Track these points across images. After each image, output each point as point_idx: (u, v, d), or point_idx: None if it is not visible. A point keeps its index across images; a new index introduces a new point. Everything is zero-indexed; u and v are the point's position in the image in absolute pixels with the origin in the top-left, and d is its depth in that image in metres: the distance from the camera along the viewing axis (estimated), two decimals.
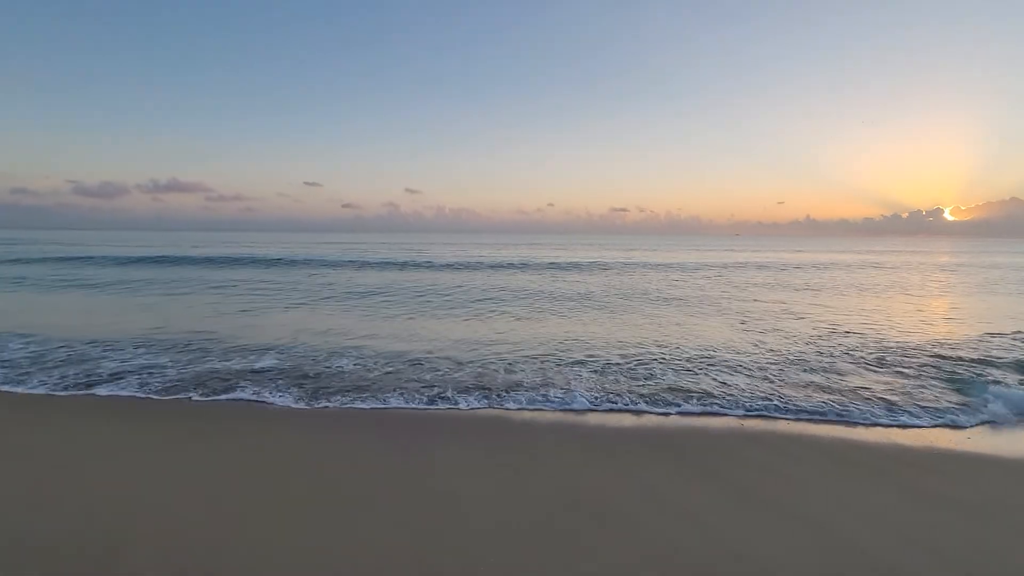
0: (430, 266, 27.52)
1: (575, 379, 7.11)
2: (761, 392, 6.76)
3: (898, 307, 15.26)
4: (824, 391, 6.87)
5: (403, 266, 27.38)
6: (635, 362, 8.18)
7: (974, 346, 9.54)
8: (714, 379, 7.35)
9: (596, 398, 6.31)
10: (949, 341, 9.95)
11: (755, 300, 16.45)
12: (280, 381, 6.84)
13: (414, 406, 6.02)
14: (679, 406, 6.13)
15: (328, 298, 15.77)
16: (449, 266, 28.10)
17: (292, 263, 27.87)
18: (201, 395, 6.32)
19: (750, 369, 7.88)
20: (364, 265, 27.92)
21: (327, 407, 5.99)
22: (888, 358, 8.61)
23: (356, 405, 6.07)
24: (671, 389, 6.78)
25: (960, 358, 8.52)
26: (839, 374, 7.72)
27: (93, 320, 11.79)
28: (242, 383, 6.75)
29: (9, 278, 20.31)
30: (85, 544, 3.23)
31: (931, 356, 8.69)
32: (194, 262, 28.08)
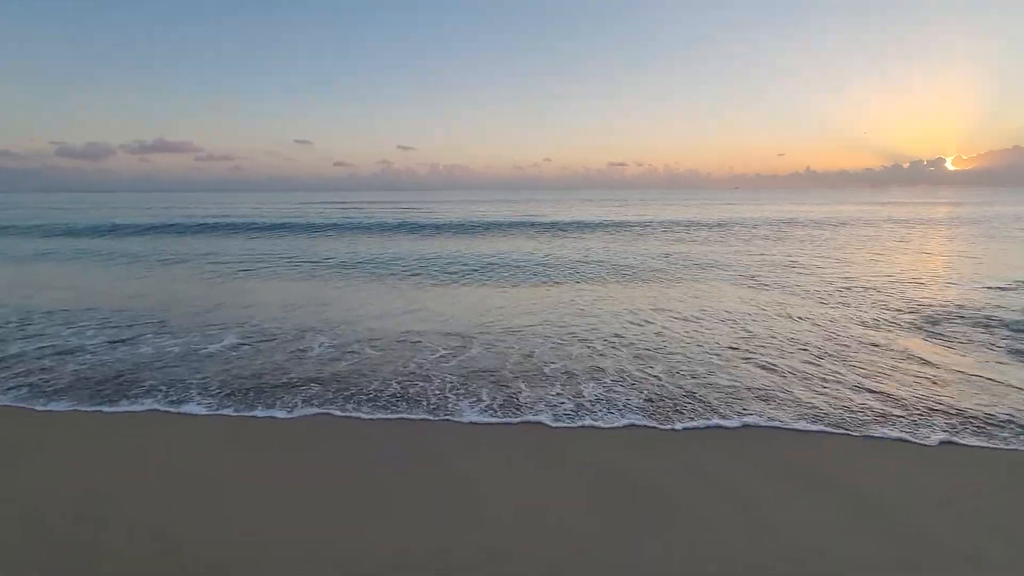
0: (434, 230, 26.48)
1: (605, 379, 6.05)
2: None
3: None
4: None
5: (411, 230, 26.25)
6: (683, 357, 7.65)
7: None
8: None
9: (642, 403, 5.39)
10: None
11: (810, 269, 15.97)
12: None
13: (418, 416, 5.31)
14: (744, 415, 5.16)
15: (328, 269, 15.24)
16: (452, 228, 27.15)
17: (290, 229, 26.96)
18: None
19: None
20: (358, 228, 27.06)
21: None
22: None
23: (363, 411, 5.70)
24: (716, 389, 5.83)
25: None
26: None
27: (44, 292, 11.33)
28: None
29: None
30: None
31: None
32: (183, 230, 27.21)
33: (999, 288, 11.08)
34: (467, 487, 3.82)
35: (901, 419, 5.02)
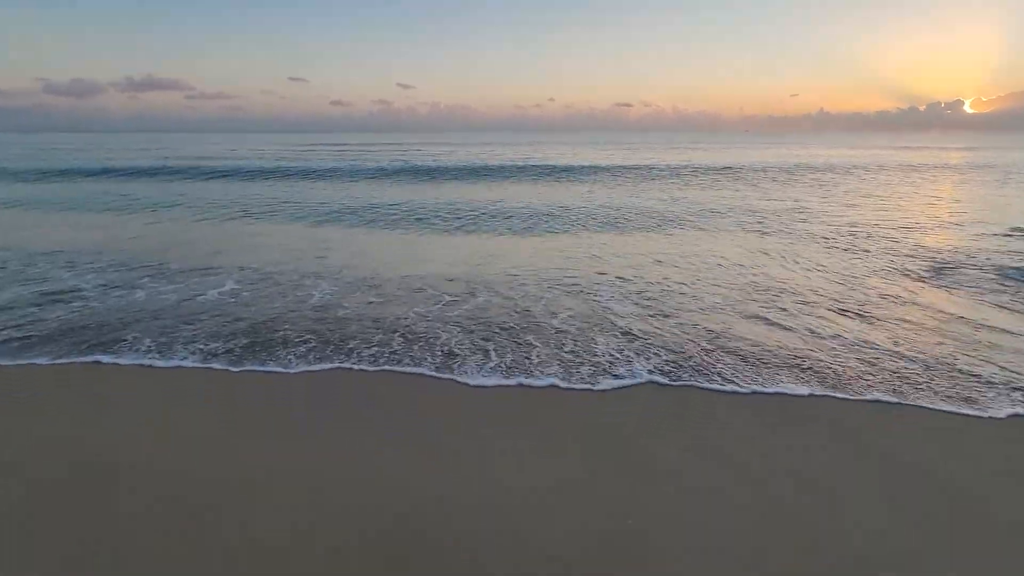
0: (436, 175, 25.43)
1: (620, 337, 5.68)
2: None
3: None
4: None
5: (413, 175, 25.18)
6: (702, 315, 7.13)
7: None
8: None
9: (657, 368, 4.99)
10: None
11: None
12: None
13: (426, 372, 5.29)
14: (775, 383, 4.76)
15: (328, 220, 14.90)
16: (455, 172, 26.17)
17: (288, 173, 26.10)
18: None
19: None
20: (358, 173, 26.22)
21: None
22: None
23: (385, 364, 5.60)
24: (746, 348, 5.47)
25: None
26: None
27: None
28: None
29: None
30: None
31: None
32: (178, 173, 26.48)
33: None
34: (479, 448, 3.80)
35: (949, 385, 4.61)
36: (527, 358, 5.19)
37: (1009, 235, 11.11)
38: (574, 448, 3.74)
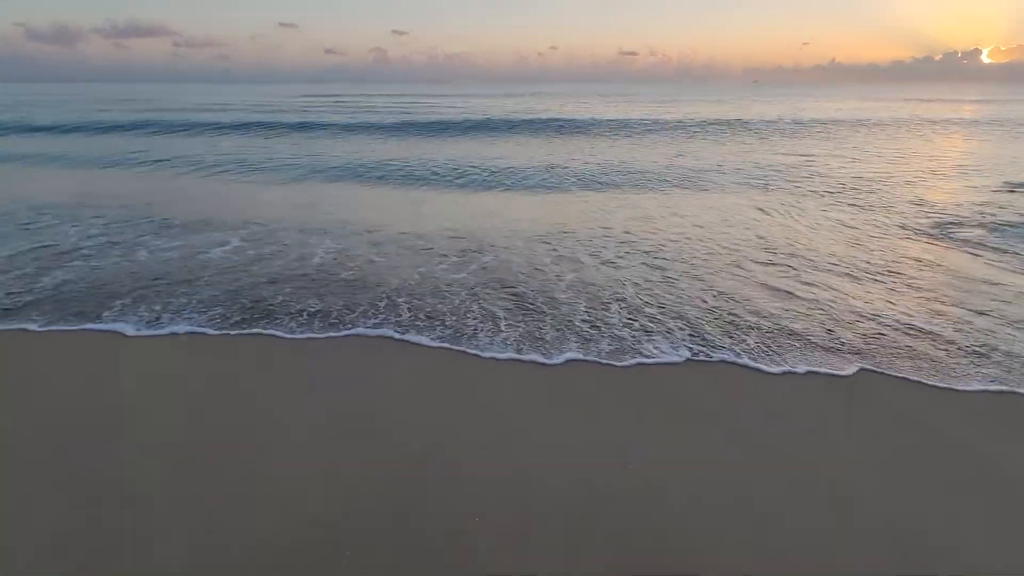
0: (436, 130, 24.38)
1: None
2: None
3: None
4: None
5: (414, 131, 23.84)
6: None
7: None
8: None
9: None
10: None
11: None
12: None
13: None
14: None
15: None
16: (455, 127, 24.93)
17: (285, 128, 25.15)
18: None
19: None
20: (357, 128, 25.23)
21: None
22: None
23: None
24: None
25: None
26: None
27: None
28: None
29: None
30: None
31: None
32: (173, 128, 25.71)
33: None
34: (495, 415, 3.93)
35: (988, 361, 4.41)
36: (540, 329, 5.05)
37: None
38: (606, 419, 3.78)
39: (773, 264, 6.86)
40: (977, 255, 7.26)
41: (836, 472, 3.22)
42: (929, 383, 4.15)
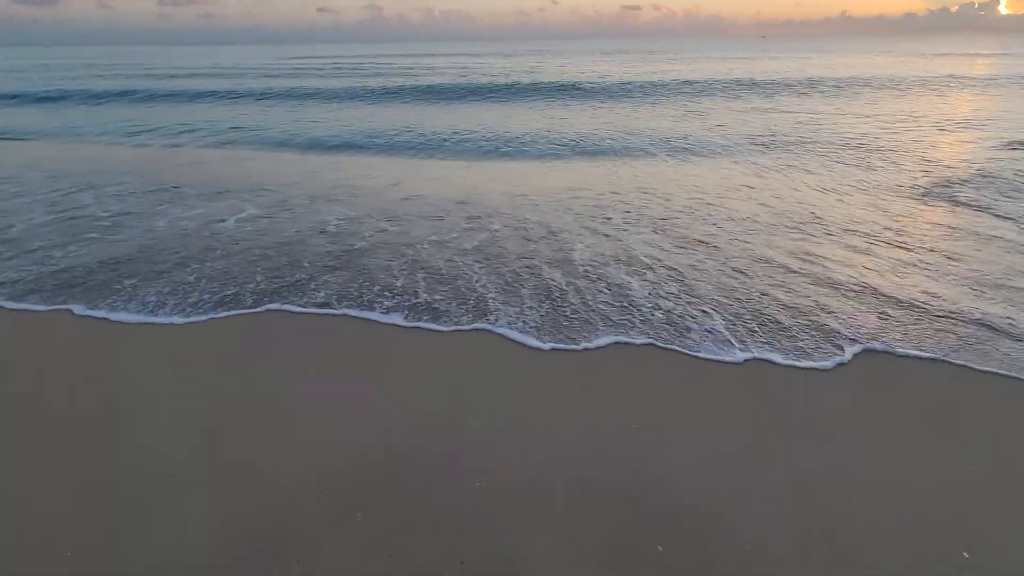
0: (435, 96, 23.56)
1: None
2: None
3: None
4: None
5: (412, 96, 23.30)
6: None
7: None
8: None
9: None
10: None
11: None
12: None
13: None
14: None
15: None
16: (454, 92, 24.34)
17: (279, 96, 24.58)
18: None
19: None
20: (355, 96, 24.33)
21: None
22: None
23: None
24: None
25: None
26: None
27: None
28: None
29: None
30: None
31: None
32: (165, 96, 25.21)
33: None
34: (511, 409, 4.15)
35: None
36: (560, 307, 5.06)
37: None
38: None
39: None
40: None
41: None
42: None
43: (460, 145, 13.42)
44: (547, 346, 4.46)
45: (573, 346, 4.46)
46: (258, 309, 5.20)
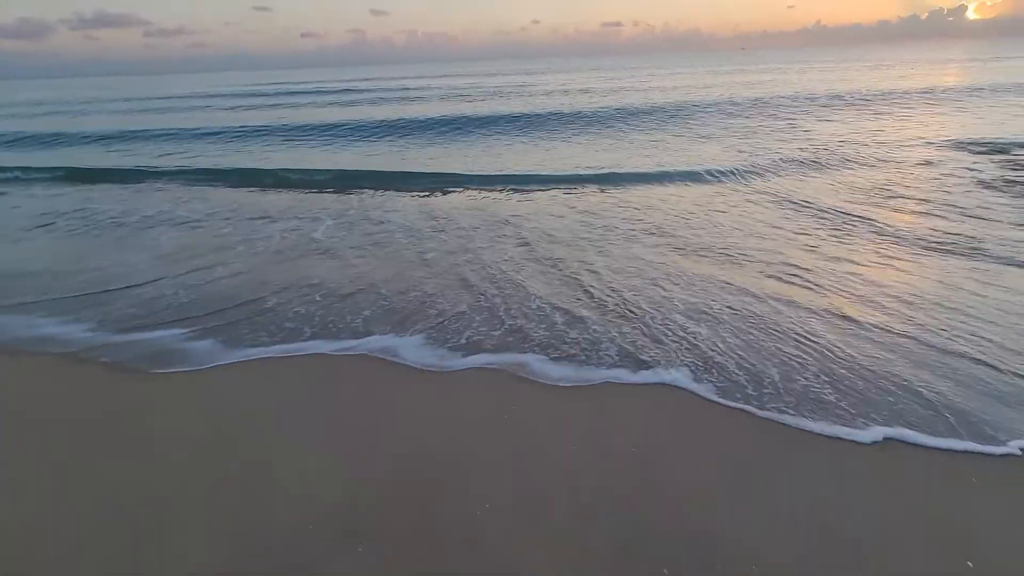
0: (422, 128, 20.45)
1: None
2: None
3: None
4: None
5: (402, 131, 20.71)
6: None
7: None
8: None
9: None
10: None
11: None
12: None
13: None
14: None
15: None
16: (441, 125, 20.76)
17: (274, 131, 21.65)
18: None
19: None
20: (343, 129, 21.31)
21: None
22: None
23: None
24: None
25: None
26: None
27: None
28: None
29: None
30: None
31: None
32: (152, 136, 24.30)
33: None
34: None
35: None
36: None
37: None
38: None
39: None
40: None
41: None
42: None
43: None
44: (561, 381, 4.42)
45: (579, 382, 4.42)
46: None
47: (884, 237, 7.33)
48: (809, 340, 4.78)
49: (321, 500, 3.21)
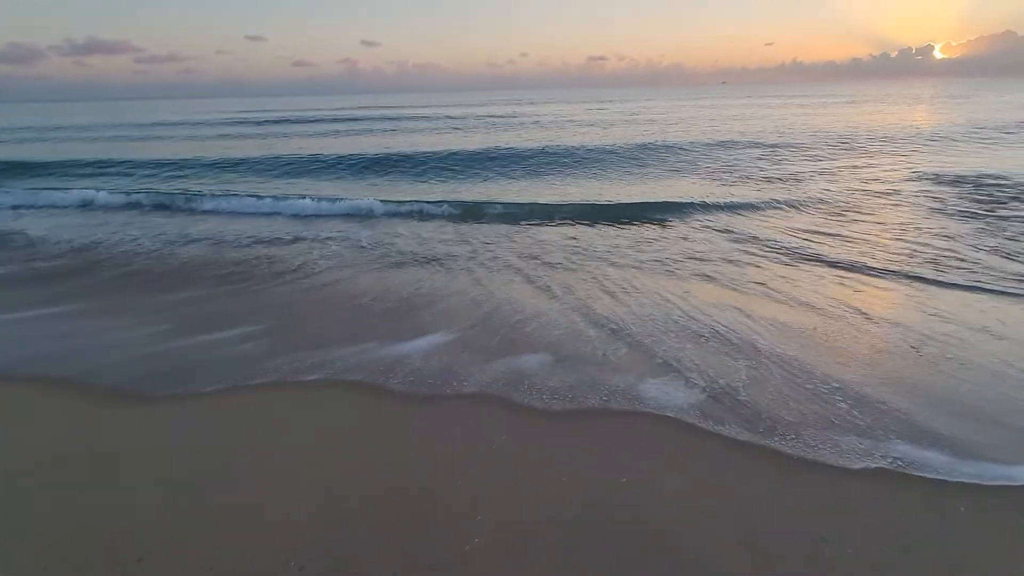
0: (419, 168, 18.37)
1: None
2: None
3: None
4: None
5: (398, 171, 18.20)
6: None
7: None
8: None
9: None
10: None
11: None
12: None
13: None
14: None
15: None
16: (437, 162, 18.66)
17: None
18: None
19: None
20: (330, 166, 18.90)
21: None
22: None
23: None
24: None
25: None
26: None
27: None
28: None
29: None
30: None
31: None
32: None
33: None
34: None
35: None
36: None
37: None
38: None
39: None
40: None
41: None
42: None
43: None
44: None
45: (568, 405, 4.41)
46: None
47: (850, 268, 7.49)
48: (802, 369, 4.84)
49: (303, 536, 3.10)
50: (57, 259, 8.98)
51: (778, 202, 11.67)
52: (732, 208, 11.34)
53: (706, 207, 11.36)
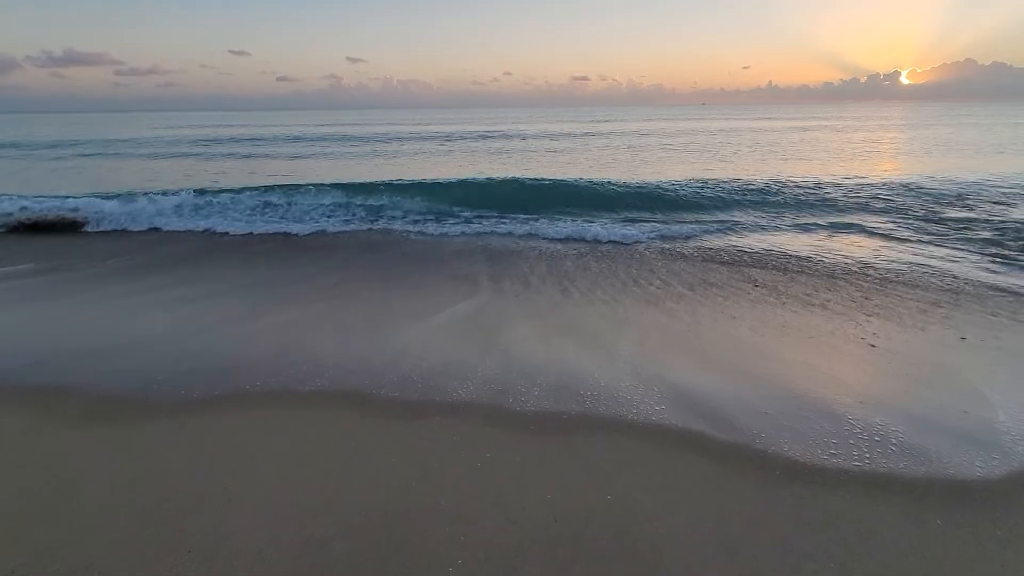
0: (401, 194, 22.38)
1: None
2: None
3: None
4: None
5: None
6: None
7: None
8: None
9: None
10: None
11: None
12: None
13: None
14: None
15: None
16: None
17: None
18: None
19: None
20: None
21: None
22: None
23: None
24: None
25: None
26: None
27: None
28: None
29: None
30: None
31: None
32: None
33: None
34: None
35: None
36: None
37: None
38: None
39: None
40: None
41: None
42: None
43: None
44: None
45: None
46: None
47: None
48: (790, 381, 4.90)
49: (277, 564, 2.98)
50: None
51: None
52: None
53: None
